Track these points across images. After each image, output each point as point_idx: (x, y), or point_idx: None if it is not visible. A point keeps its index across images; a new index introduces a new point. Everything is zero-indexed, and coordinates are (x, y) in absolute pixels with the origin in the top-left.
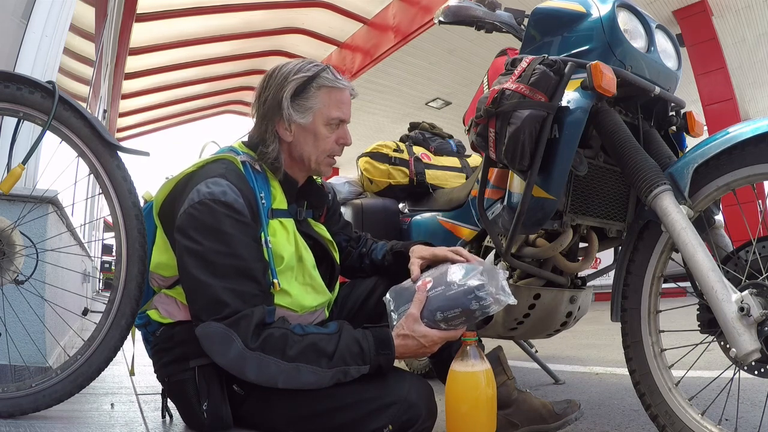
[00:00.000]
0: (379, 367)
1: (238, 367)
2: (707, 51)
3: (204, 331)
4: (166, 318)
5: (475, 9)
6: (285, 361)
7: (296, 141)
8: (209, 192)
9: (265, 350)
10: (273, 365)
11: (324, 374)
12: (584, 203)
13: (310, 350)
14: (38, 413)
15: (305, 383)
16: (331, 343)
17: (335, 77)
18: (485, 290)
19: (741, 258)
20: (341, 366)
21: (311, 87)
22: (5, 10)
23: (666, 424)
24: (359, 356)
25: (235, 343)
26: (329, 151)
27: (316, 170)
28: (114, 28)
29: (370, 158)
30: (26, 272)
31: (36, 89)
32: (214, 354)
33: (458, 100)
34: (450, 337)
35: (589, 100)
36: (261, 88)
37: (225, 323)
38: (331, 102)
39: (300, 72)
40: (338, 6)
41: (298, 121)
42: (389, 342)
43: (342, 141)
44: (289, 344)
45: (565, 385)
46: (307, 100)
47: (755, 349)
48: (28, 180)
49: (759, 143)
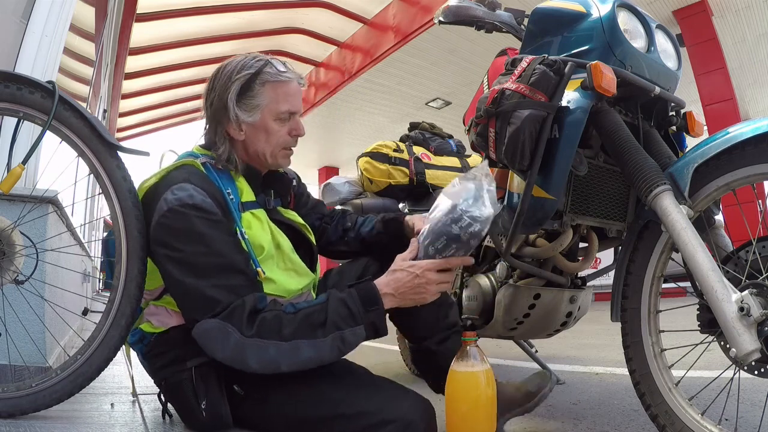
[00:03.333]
0: (374, 326)
1: (239, 358)
2: (707, 51)
3: (200, 329)
4: (159, 327)
5: (475, 9)
6: (282, 341)
7: (248, 139)
8: (176, 198)
9: (262, 335)
10: (272, 348)
11: (322, 345)
12: (584, 203)
13: (304, 324)
14: (38, 413)
15: (308, 360)
16: (322, 313)
17: (278, 71)
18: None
19: (741, 258)
20: (335, 332)
21: (255, 84)
22: (5, 10)
23: (666, 424)
24: (350, 318)
25: (232, 335)
26: (283, 144)
27: (274, 164)
28: (114, 28)
29: (370, 158)
30: (26, 272)
31: (36, 89)
32: (214, 350)
33: (458, 100)
34: (441, 265)
35: (589, 100)
36: (207, 89)
37: (220, 317)
38: (278, 96)
39: (243, 70)
40: (338, 6)
41: (247, 120)
42: (375, 295)
43: (295, 132)
44: (284, 324)
45: (565, 385)
46: (253, 98)
47: (755, 349)
48: (28, 180)
49: (759, 143)
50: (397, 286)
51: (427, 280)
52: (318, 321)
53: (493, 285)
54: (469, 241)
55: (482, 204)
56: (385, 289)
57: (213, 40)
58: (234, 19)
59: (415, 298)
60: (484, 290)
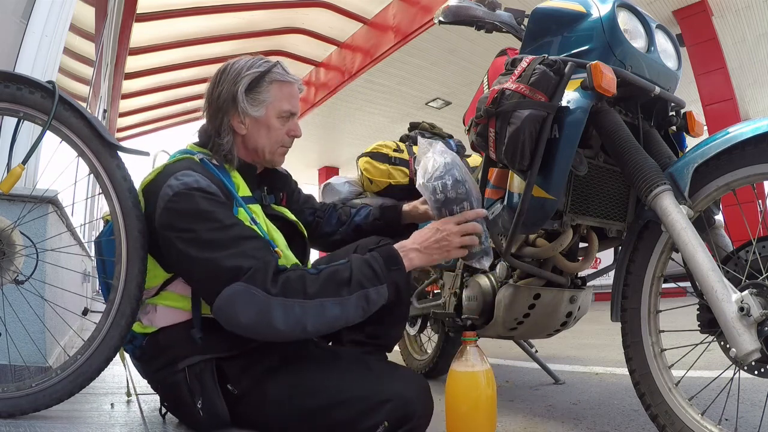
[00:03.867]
0: (396, 285)
1: (264, 320)
2: (707, 51)
3: (222, 297)
4: (149, 327)
5: (475, 9)
6: (308, 299)
7: (250, 133)
8: (182, 183)
9: (287, 294)
10: (297, 306)
11: (347, 302)
12: (584, 203)
13: (329, 282)
14: (38, 413)
15: (333, 318)
16: (346, 271)
17: (285, 72)
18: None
19: (741, 258)
20: (360, 290)
21: (264, 81)
22: (5, 10)
23: (666, 424)
24: (374, 277)
25: (256, 296)
26: (281, 142)
27: (270, 160)
28: (114, 28)
29: (370, 158)
30: (26, 272)
31: (36, 89)
32: (239, 317)
33: (458, 100)
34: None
35: (589, 100)
36: (213, 84)
37: (243, 280)
38: (283, 96)
39: (252, 68)
40: (338, 6)
41: (252, 114)
42: (396, 256)
43: (292, 133)
44: (308, 283)
45: (565, 385)
46: (260, 93)
47: (755, 349)
48: (28, 180)
49: (759, 143)
50: (422, 240)
51: (449, 231)
52: (342, 279)
53: (493, 285)
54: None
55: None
56: (410, 245)
57: (213, 40)
58: (234, 19)
59: (440, 253)
60: (484, 290)
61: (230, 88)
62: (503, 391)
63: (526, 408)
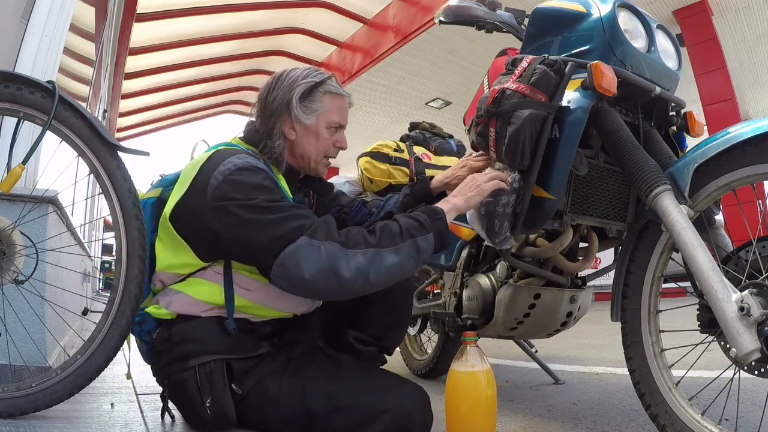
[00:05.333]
0: (440, 233)
1: (329, 269)
2: (707, 51)
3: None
4: (166, 312)
5: (476, 9)
6: (369, 248)
7: (299, 140)
8: (245, 161)
9: (349, 245)
10: (360, 256)
11: (401, 250)
12: (584, 203)
13: (384, 234)
14: (38, 413)
15: (392, 266)
16: (395, 224)
17: (338, 85)
18: None
19: (741, 258)
20: (410, 239)
21: (318, 91)
22: (5, 10)
23: (666, 424)
24: (421, 227)
25: (321, 248)
26: (327, 152)
27: (315, 169)
28: (114, 28)
29: (371, 158)
30: (26, 272)
31: (36, 89)
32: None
33: (458, 100)
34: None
35: (589, 100)
36: (268, 88)
37: (306, 234)
38: (334, 107)
39: (308, 77)
40: (338, 6)
41: (304, 121)
42: (436, 210)
43: (339, 144)
44: (367, 235)
45: (565, 385)
46: (313, 102)
47: (755, 348)
48: (28, 180)
49: (759, 143)
50: (456, 191)
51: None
52: (394, 231)
53: (493, 285)
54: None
55: None
56: (449, 197)
57: (213, 40)
58: (234, 19)
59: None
60: (485, 290)
61: (285, 95)
62: (503, 391)
63: (526, 408)
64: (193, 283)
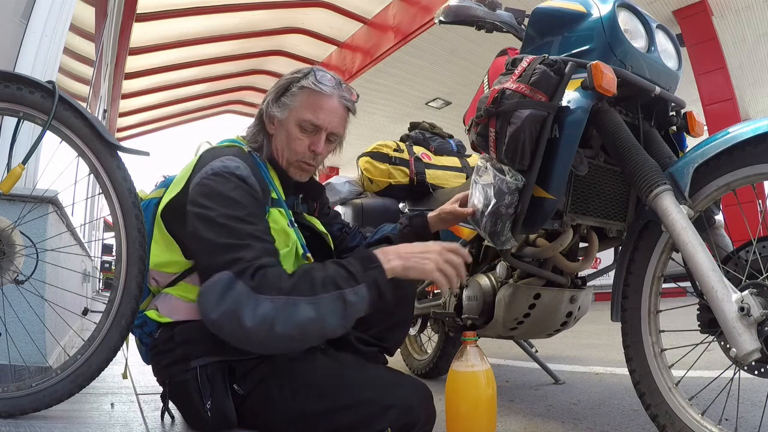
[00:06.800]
0: (376, 283)
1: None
2: (707, 51)
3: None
4: (165, 317)
5: (476, 9)
6: (280, 295)
7: (275, 136)
8: (224, 165)
9: (262, 289)
10: (268, 302)
11: (321, 302)
12: (584, 203)
13: (303, 280)
14: (38, 413)
15: (306, 320)
16: (320, 271)
17: (317, 81)
18: None
19: (741, 258)
20: (335, 290)
21: (294, 86)
22: (5, 10)
23: (666, 424)
24: (350, 278)
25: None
26: (300, 154)
27: (286, 169)
28: (114, 28)
29: (371, 158)
30: (26, 272)
31: (36, 89)
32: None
33: (458, 100)
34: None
35: (589, 99)
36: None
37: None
38: (308, 104)
39: (294, 74)
40: (338, 6)
41: (277, 115)
42: (372, 256)
43: (313, 147)
44: (283, 279)
45: (565, 385)
46: (287, 97)
47: (755, 349)
48: (28, 180)
49: (759, 143)
50: (405, 249)
51: (432, 250)
52: (316, 278)
53: (493, 285)
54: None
55: None
56: (392, 250)
57: (213, 40)
58: (234, 19)
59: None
60: (485, 290)
61: (271, 90)
62: (503, 391)
63: (526, 408)
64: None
